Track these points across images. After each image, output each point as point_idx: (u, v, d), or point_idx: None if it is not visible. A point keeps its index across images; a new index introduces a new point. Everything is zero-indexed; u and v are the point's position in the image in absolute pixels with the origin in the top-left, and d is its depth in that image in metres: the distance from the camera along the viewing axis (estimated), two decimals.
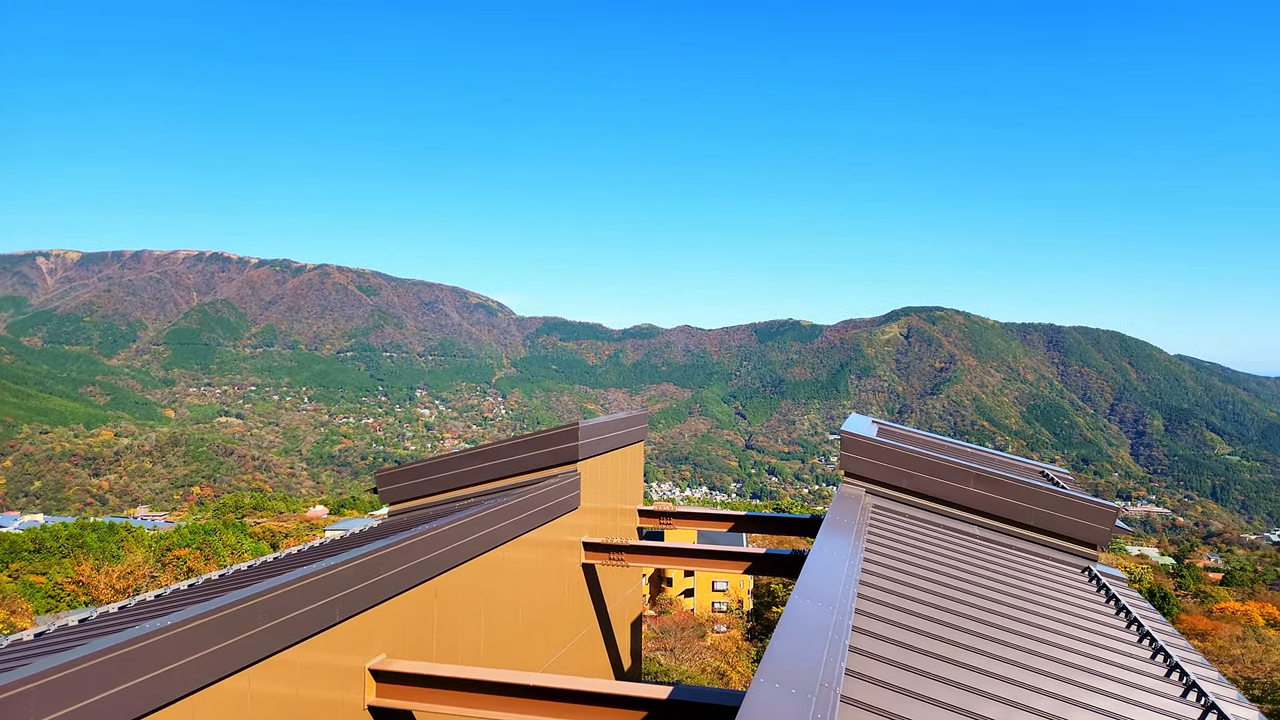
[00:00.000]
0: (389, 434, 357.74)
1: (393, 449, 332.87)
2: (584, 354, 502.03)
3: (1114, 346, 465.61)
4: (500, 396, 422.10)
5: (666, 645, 41.75)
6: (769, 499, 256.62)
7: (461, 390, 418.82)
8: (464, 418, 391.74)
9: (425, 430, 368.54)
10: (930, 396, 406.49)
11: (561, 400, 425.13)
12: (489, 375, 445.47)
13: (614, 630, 12.46)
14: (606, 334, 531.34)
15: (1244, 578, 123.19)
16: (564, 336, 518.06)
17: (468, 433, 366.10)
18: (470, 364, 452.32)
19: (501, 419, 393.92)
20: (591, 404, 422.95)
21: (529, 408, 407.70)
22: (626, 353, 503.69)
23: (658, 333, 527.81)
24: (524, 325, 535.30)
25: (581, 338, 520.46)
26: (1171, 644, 7.37)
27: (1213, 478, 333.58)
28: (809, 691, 4.03)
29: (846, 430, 11.18)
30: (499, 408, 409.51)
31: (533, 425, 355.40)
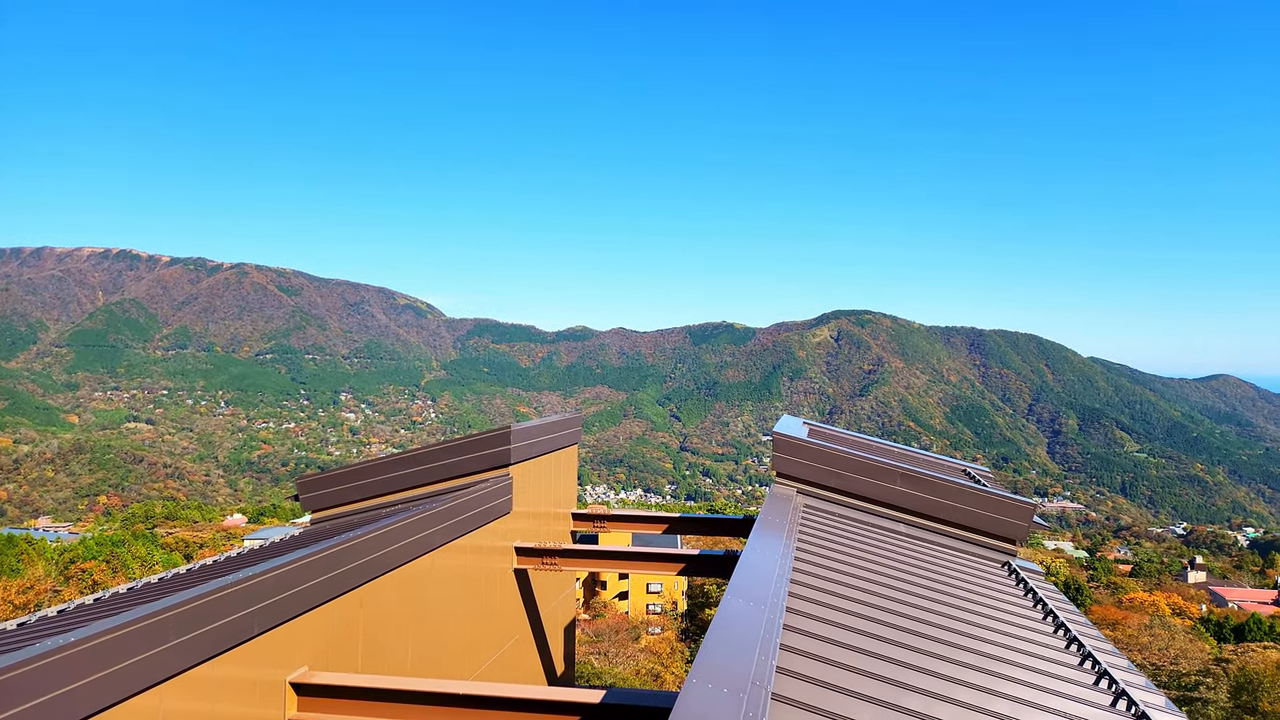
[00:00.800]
0: (312, 439, 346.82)
1: (316, 454, 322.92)
2: (517, 356, 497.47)
3: (1032, 349, 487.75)
4: (430, 400, 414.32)
5: (601, 648, 41.70)
6: (703, 500, 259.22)
7: (389, 393, 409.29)
8: (391, 422, 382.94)
9: (350, 435, 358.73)
10: (859, 398, 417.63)
11: (494, 403, 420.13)
12: (418, 378, 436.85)
13: (547, 635, 12.38)
14: (540, 336, 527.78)
15: (1151, 569, 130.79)
16: (496, 339, 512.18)
17: (395, 437, 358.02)
18: (398, 366, 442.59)
19: (431, 423, 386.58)
20: (525, 407, 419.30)
21: (460, 411, 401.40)
22: (560, 355, 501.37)
23: (592, 335, 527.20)
24: (454, 327, 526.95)
25: (514, 340, 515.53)
26: (1084, 634, 7.76)
27: (1122, 474, 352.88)
28: (741, 690, 4.09)
29: (778, 431, 11.39)
30: (428, 411, 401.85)
31: (464, 429, 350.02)
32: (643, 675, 38.66)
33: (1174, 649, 48.31)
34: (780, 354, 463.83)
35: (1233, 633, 71.16)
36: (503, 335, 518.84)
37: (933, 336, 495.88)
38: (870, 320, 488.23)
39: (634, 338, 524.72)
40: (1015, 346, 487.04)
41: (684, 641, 56.15)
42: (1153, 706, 6.20)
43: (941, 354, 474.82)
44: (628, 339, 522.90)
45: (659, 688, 37.62)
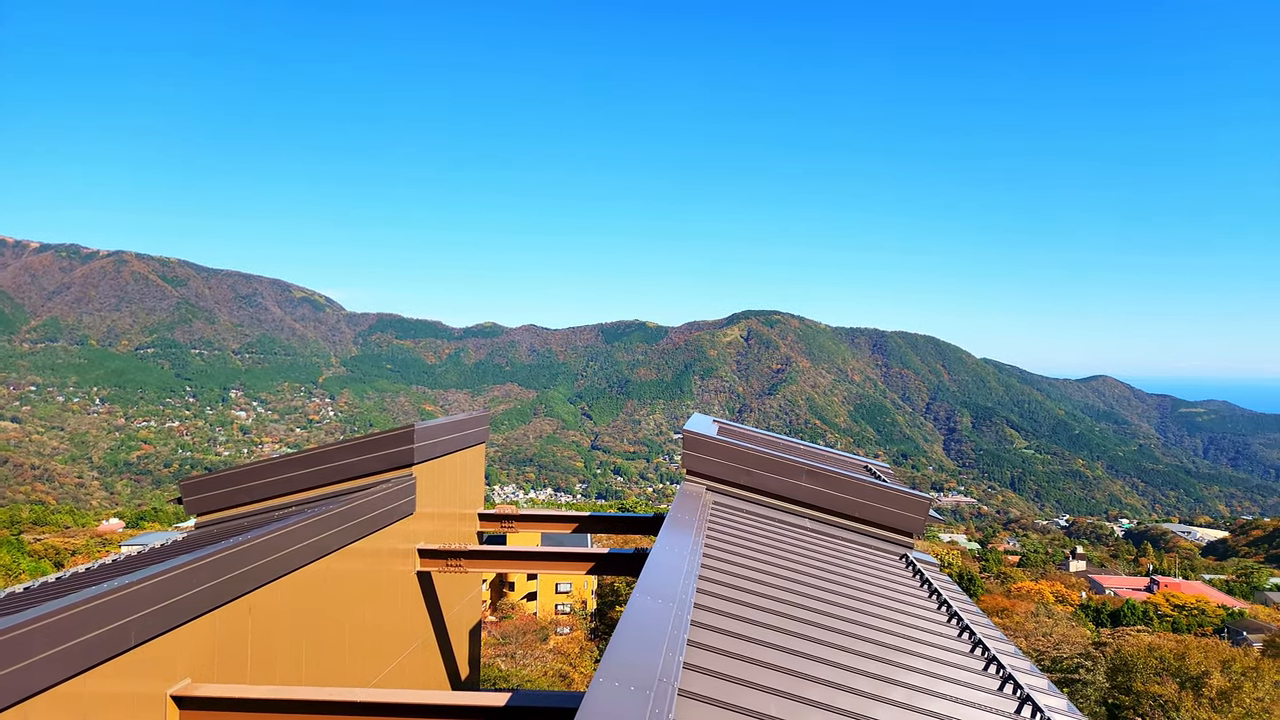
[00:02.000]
0: (198, 438, 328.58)
1: (203, 455, 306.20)
2: (422, 353, 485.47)
3: (930, 350, 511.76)
4: (328, 397, 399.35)
5: (508, 650, 41.25)
6: (614, 499, 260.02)
7: (284, 391, 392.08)
8: (286, 420, 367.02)
9: (241, 434, 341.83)
10: (768, 396, 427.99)
11: (397, 401, 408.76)
12: (315, 375, 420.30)
13: (451, 639, 12.14)
14: (447, 332, 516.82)
15: (1037, 559, 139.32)
16: (400, 334, 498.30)
17: (290, 436, 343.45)
18: (294, 363, 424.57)
19: (329, 421, 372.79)
20: (430, 405, 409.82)
21: (361, 409, 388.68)
22: (468, 352, 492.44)
23: (502, 332, 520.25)
24: (355, 322, 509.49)
25: (419, 336, 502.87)
26: (975, 623, 8.18)
27: (1012, 470, 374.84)
28: (648, 688, 4.11)
29: (688, 430, 11.53)
30: (326, 409, 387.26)
31: (365, 428, 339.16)
32: (551, 676, 38.49)
33: (1057, 634, 51.55)
34: (692, 353, 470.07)
35: (1109, 618, 76.71)
36: (407, 331, 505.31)
37: (838, 337, 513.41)
38: (779, 320, 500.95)
39: (545, 335, 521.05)
40: (915, 347, 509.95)
41: (593, 641, 56.19)
42: (1037, 690, 6.60)
43: (846, 354, 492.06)
44: (539, 336, 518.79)
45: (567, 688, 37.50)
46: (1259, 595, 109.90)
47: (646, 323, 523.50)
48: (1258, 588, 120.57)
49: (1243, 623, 74.41)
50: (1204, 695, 36.85)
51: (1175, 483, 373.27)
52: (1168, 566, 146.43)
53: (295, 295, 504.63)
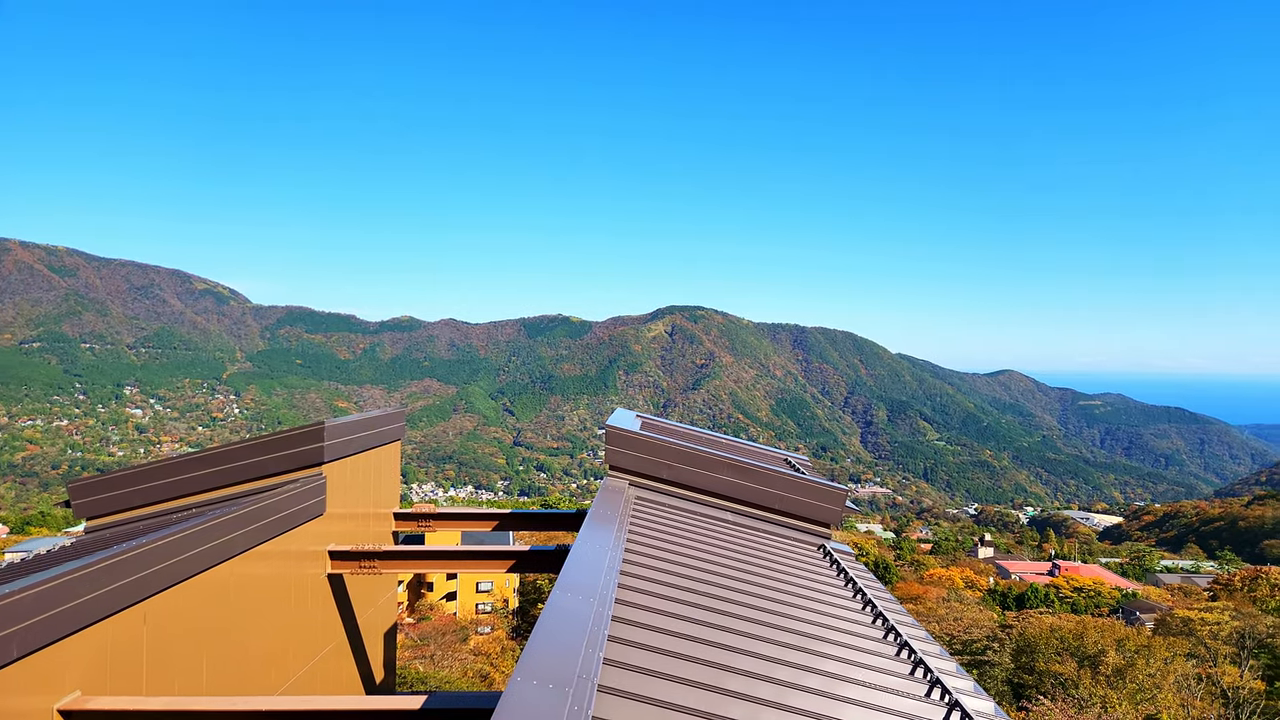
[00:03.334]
0: (89, 438, 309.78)
1: (94, 455, 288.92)
2: (334, 347, 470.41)
3: (848, 345, 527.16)
4: (233, 394, 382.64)
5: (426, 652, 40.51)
6: (538, 495, 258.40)
7: (184, 388, 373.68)
8: (187, 418, 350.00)
9: (137, 433, 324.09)
10: (692, 391, 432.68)
11: (308, 398, 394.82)
12: (219, 370, 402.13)
13: (365, 642, 11.82)
14: (361, 326, 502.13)
15: (948, 547, 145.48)
16: (310, 328, 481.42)
17: (192, 435, 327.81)
18: (195, 358, 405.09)
19: (234, 419, 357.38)
20: (343, 402, 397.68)
21: (268, 406, 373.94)
22: (384, 347, 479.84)
23: (420, 326, 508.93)
24: (262, 315, 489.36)
25: (331, 330, 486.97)
26: (889, 610, 8.47)
27: (924, 461, 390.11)
28: (567, 685, 4.09)
29: (611, 425, 11.53)
30: (231, 407, 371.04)
31: (273, 426, 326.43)
32: (471, 676, 38.02)
33: (967, 619, 53.97)
34: (616, 348, 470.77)
35: (1015, 601, 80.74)
36: (319, 325, 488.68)
37: (760, 333, 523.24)
38: (703, 316, 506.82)
39: (465, 329, 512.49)
40: (834, 343, 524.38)
41: (516, 639, 55.74)
42: (946, 673, 6.88)
43: (768, 349, 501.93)
44: (459, 331, 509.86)
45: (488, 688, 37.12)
46: (1150, 577, 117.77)
47: (570, 317, 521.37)
48: (1149, 569, 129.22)
49: (1136, 603, 79.50)
50: (1101, 672, 39.24)
51: (1075, 472, 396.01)
52: (1068, 551, 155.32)
53: (196, 287, 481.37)
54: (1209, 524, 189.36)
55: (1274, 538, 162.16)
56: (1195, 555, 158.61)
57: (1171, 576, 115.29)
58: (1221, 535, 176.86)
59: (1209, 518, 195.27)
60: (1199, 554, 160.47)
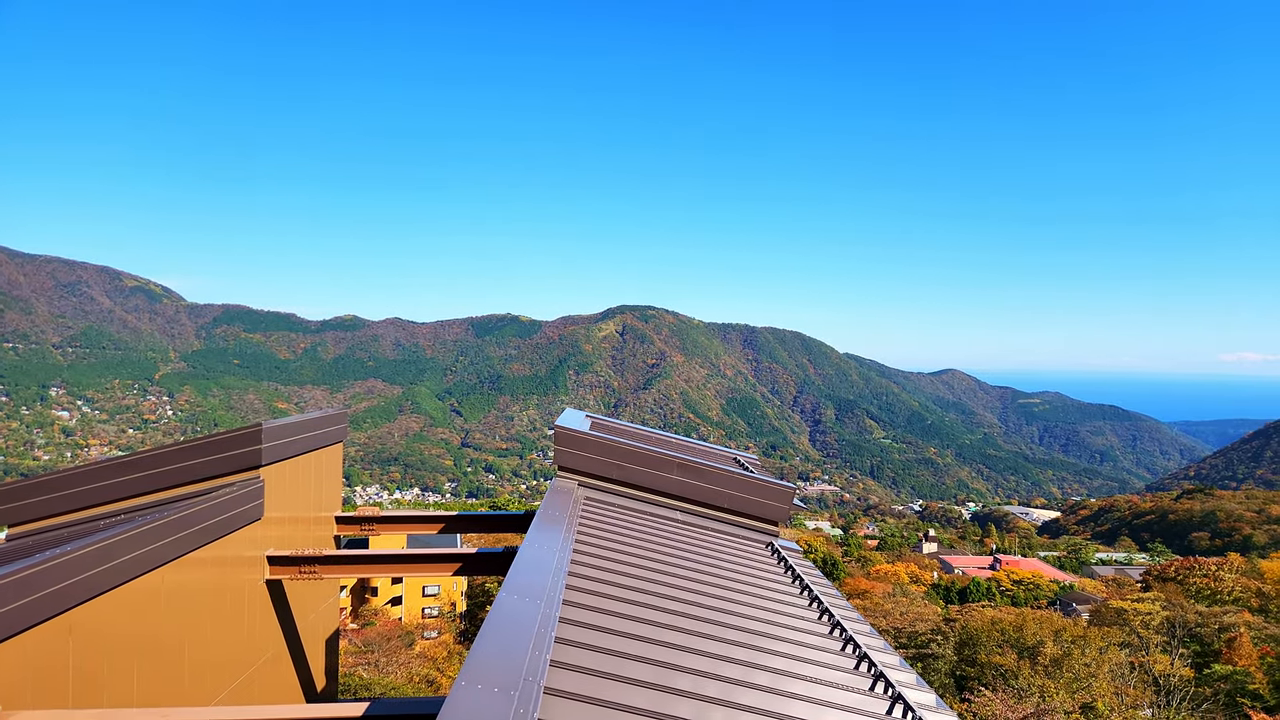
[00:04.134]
0: (12, 441, 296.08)
1: (18, 460, 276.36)
2: (274, 347, 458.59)
3: (797, 345, 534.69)
4: (166, 395, 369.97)
5: (371, 658, 39.78)
6: (486, 497, 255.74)
7: (114, 389, 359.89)
8: (117, 420, 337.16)
9: (63, 436, 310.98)
10: (643, 391, 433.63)
11: (246, 399, 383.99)
12: (151, 371, 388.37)
13: (306, 649, 11.56)
14: (302, 325, 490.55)
15: (894, 543, 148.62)
16: (249, 327, 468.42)
17: (122, 438, 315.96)
18: (126, 358, 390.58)
19: (168, 421, 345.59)
20: (284, 403, 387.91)
21: (204, 408, 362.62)
22: (327, 346, 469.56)
23: (364, 325, 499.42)
24: (197, 313, 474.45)
25: (271, 329, 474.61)
26: (835, 606, 8.62)
27: (871, 459, 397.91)
28: (512, 688, 4.07)
29: (560, 425, 11.49)
30: (164, 408, 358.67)
31: (209, 428, 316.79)
32: (417, 682, 37.48)
33: (912, 613, 55.16)
34: (567, 347, 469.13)
35: (958, 595, 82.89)
36: (257, 323, 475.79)
37: (711, 332, 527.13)
38: (654, 316, 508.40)
39: (411, 329, 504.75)
40: (783, 343, 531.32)
41: (463, 643, 55.12)
42: (889, 666, 7.03)
43: (719, 349, 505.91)
44: (404, 330, 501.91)
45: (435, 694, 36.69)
46: (1086, 569, 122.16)
47: (520, 316, 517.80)
48: (1085, 562, 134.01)
49: (1073, 595, 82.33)
50: (1039, 663, 40.54)
51: (1015, 468, 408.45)
52: (1009, 545, 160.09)
53: (127, 284, 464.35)
54: (1141, 518, 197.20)
55: (1201, 530, 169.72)
56: (1128, 548, 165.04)
57: (1106, 569, 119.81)
58: (1153, 528, 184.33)
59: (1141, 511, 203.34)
60: (1132, 546, 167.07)
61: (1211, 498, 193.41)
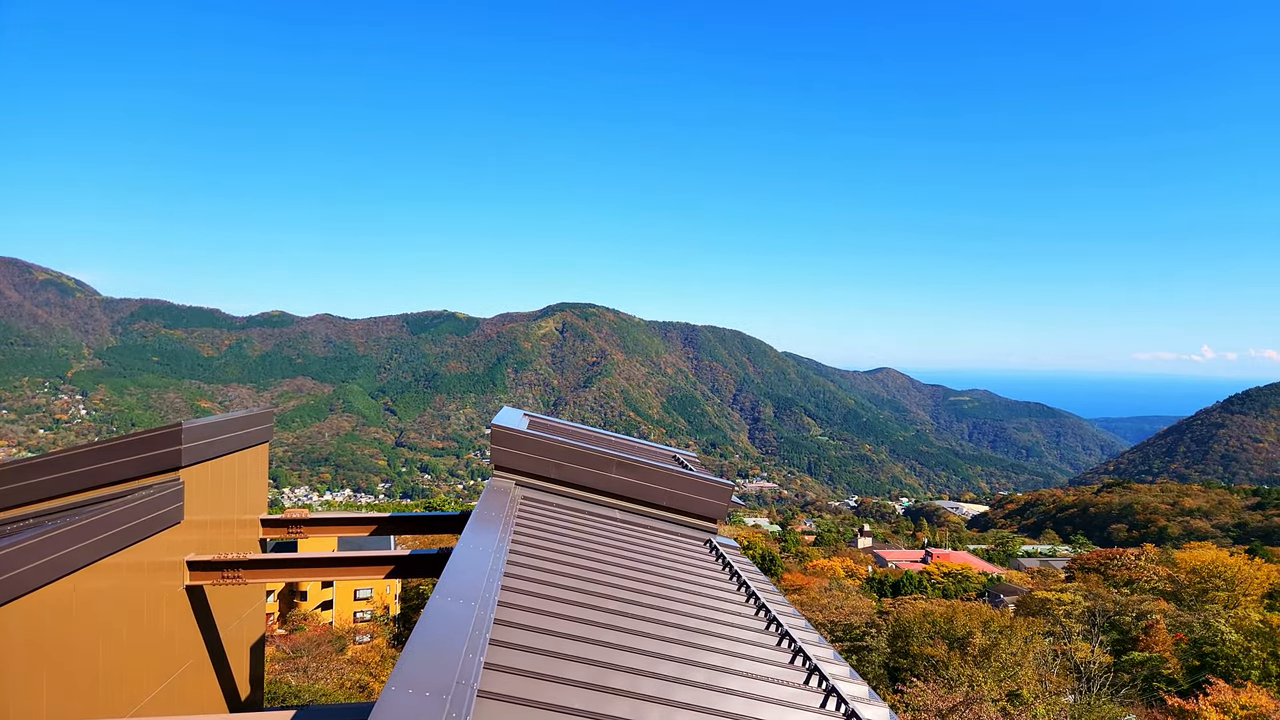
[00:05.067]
0: None
1: None
2: (197, 344, 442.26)
3: (737, 344, 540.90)
4: (80, 394, 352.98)
5: (299, 664, 38.73)
6: (421, 498, 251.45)
7: (22, 387, 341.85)
8: (26, 420, 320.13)
9: None
10: (583, 389, 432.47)
11: (166, 398, 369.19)
12: (62, 368, 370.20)
13: (229, 657, 11.19)
14: (227, 321, 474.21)
15: (830, 538, 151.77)
16: (169, 323, 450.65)
17: (32, 439, 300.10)
18: (36, 355, 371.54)
19: (81, 421, 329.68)
20: (207, 402, 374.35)
21: (121, 408, 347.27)
22: (253, 343, 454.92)
23: (292, 321, 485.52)
24: (113, 308, 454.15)
25: (194, 325, 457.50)
26: (771, 601, 8.76)
27: (809, 456, 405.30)
28: (444, 692, 4.02)
29: (497, 424, 11.38)
30: (77, 408, 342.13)
31: (126, 428, 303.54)
32: (349, 688, 36.65)
33: (847, 607, 56.41)
34: (505, 345, 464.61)
35: (891, 589, 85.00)
36: (179, 319, 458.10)
37: (652, 331, 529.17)
38: (594, 314, 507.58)
39: (343, 325, 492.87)
40: (723, 341, 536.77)
41: (396, 647, 54.12)
42: (823, 660, 7.18)
43: (660, 347, 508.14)
44: (335, 327, 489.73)
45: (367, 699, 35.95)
46: (1013, 561, 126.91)
47: (457, 313, 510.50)
48: (1012, 555, 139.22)
49: (1000, 586, 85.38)
50: (969, 653, 41.93)
51: (946, 464, 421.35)
52: (940, 539, 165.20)
53: (37, 277, 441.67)
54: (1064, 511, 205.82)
55: (1120, 522, 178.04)
56: (1052, 540, 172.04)
57: (1031, 561, 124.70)
58: (1075, 521, 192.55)
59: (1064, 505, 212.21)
60: (1055, 539, 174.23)
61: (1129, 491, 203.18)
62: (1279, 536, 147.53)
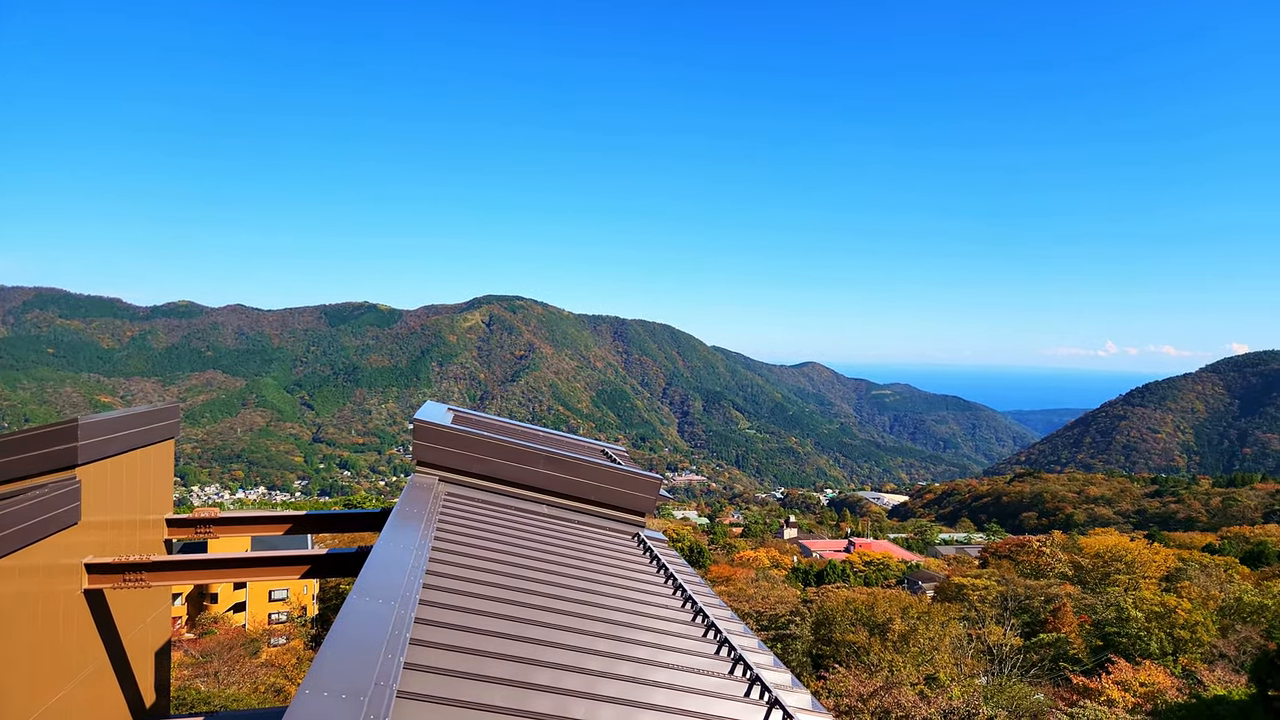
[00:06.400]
0: None
1: None
2: (96, 335, 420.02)
3: (667, 338, 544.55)
4: None
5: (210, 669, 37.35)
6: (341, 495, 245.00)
7: None
8: None
9: None
10: (511, 383, 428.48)
11: (63, 393, 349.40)
12: None
13: (132, 663, 10.68)
14: (129, 311, 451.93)
15: (757, 529, 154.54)
16: (65, 313, 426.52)
17: None
18: None
19: None
20: (108, 396, 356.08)
21: (13, 402, 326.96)
22: (158, 335, 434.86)
23: (201, 312, 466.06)
24: (4, 297, 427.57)
25: (93, 315, 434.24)
26: (698, 593, 8.86)
27: (737, 449, 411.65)
28: (361, 693, 3.92)
29: (419, 419, 11.18)
30: None
31: (18, 423, 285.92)
32: (263, 692, 35.49)
33: (773, 597, 57.51)
34: (429, 338, 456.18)
35: (816, 578, 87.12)
36: (76, 309, 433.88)
37: (581, 324, 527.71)
38: (522, 306, 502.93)
39: (256, 317, 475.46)
40: (653, 336, 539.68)
41: (314, 649, 52.69)
42: (748, 649, 7.31)
43: (589, 341, 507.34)
44: (248, 318, 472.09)
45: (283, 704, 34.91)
46: (931, 549, 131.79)
47: (378, 305, 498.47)
48: (930, 543, 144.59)
49: (919, 574, 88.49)
50: (889, 639, 43.37)
51: (868, 455, 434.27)
52: (862, 529, 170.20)
53: None
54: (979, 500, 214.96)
55: (1031, 510, 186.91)
56: (968, 528, 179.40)
57: (948, 548, 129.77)
58: (989, 509, 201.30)
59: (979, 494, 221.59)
60: (971, 527, 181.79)
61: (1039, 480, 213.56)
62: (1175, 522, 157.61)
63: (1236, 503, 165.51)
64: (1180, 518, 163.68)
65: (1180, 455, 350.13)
